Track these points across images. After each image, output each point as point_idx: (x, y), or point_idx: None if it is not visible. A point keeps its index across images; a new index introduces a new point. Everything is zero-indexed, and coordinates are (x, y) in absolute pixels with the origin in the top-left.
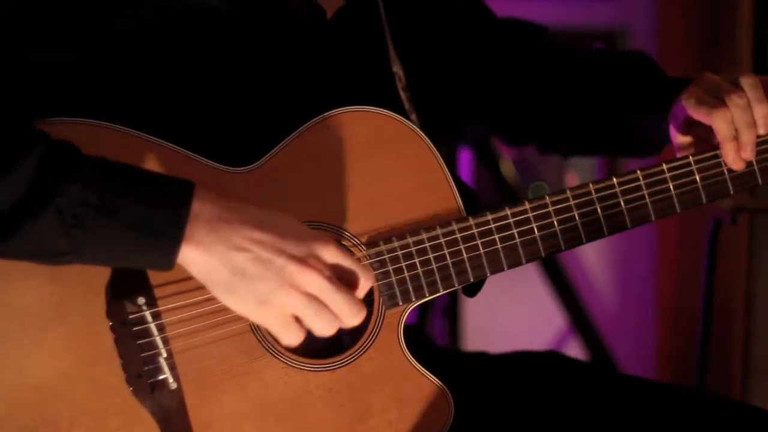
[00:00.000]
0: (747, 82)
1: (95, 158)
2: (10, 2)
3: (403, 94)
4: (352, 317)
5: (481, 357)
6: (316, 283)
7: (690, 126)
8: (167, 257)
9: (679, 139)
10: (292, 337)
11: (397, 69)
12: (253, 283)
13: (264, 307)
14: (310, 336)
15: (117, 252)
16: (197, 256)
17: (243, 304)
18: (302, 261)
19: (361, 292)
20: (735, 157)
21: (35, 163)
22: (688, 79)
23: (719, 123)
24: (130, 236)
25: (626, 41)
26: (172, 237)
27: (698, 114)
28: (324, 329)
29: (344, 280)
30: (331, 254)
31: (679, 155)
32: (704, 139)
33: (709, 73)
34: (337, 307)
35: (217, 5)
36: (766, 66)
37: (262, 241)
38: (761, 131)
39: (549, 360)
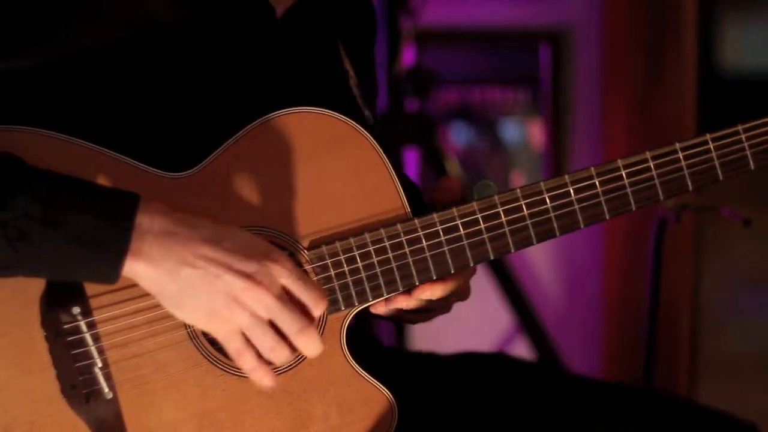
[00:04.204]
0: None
1: (40, 170)
2: None
3: (356, 91)
4: (298, 335)
5: (429, 357)
6: (262, 300)
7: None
8: (112, 271)
9: None
10: (236, 351)
11: (348, 66)
12: (201, 298)
13: (212, 319)
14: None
15: (61, 265)
16: (146, 270)
17: (192, 316)
18: (250, 278)
19: (315, 312)
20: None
21: None
22: None
23: None
24: (75, 249)
25: (571, 41)
26: (117, 250)
27: None
28: (270, 351)
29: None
30: (281, 271)
31: None
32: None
33: None
34: (285, 326)
35: (172, 13)
36: (711, 65)
37: (210, 257)
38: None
39: (496, 361)
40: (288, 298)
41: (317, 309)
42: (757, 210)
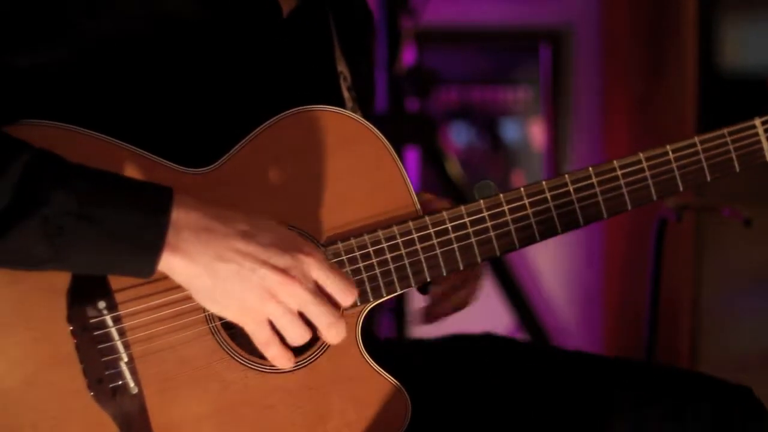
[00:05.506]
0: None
1: (77, 166)
2: None
3: (347, 94)
4: (329, 328)
5: (418, 343)
6: (296, 295)
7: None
8: (148, 265)
9: None
10: (265, 341)
11: (342, 68)
12: (235, 292)
13: (245, 313)
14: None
15: (99, 260)
16: (181, 265)
17: (225, 310)
18: (284, 272)
19: (345, 302)
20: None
21: (20, 171)
22: None
23: None
24: (112, 244)
25: (571, 41)
26: (154, 245)
27: None
28: (296, 340)
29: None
30: (314, 265)
31: None
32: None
33: None
34: (317, 319)
35: (190, 10)
36: (711, 65)
37: (245, 252)
38: None
39: (486, 340)
40: (320, 292)
41: (347, 301)
42: (757, 210)
